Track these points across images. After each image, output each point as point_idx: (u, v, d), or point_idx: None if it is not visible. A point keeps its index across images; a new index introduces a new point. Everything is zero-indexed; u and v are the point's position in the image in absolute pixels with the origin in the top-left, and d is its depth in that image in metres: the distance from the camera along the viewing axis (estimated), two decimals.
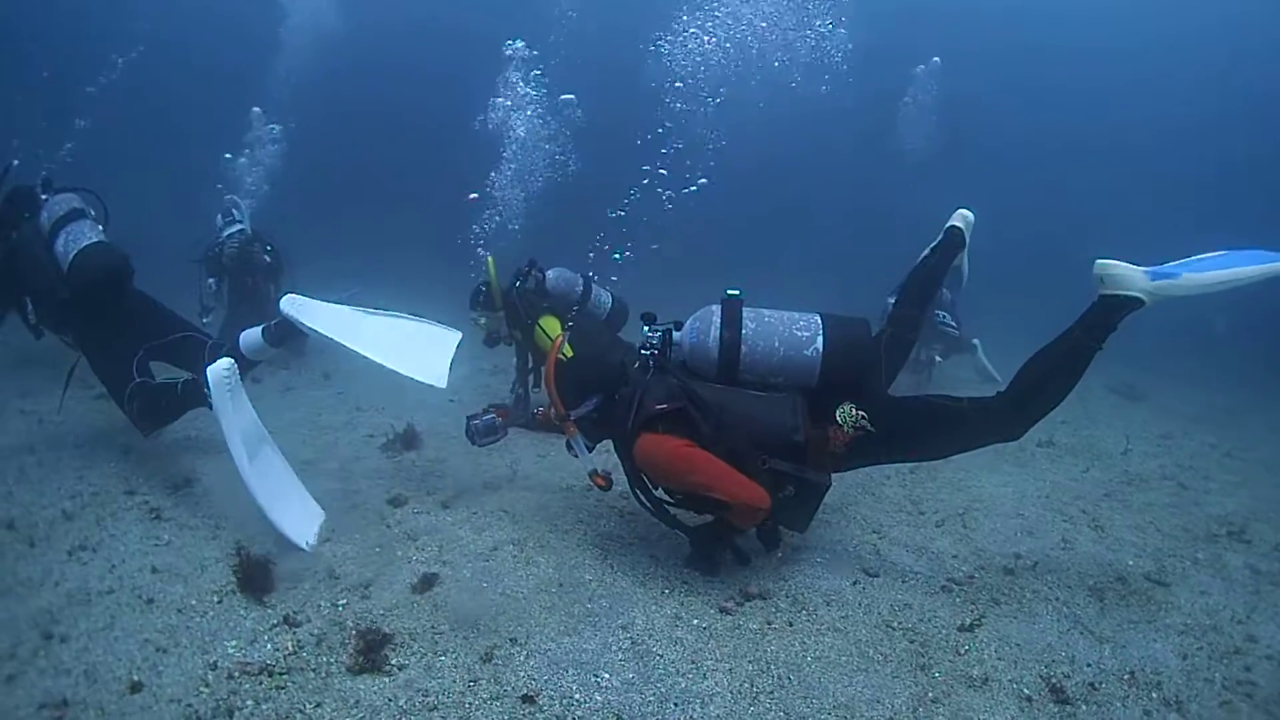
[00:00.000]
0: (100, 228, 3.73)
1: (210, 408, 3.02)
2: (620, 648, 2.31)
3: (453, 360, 3.33)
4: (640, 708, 2.04)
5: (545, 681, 2.11)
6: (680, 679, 2.17)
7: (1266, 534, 3.31)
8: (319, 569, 2.70)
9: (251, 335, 3.61)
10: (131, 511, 3.13)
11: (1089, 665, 2.36)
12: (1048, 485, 3.97)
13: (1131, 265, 2.48)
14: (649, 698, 2.09)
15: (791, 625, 2.48)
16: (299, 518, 2.99)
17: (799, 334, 2.63)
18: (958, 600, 2.70)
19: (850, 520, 3.37)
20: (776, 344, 2.62)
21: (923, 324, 3.08)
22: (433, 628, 2.35)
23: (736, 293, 2.75)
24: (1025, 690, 2.24)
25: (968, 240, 3.07)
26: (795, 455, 2.55)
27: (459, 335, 3.38)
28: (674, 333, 2.81)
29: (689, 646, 2.33)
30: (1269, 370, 7.87)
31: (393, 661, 2.16)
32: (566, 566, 2.80)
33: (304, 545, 2.83)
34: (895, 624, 2.53)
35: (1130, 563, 3.01)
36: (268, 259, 5.91)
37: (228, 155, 6.86)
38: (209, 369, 2.99)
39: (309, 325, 3.24)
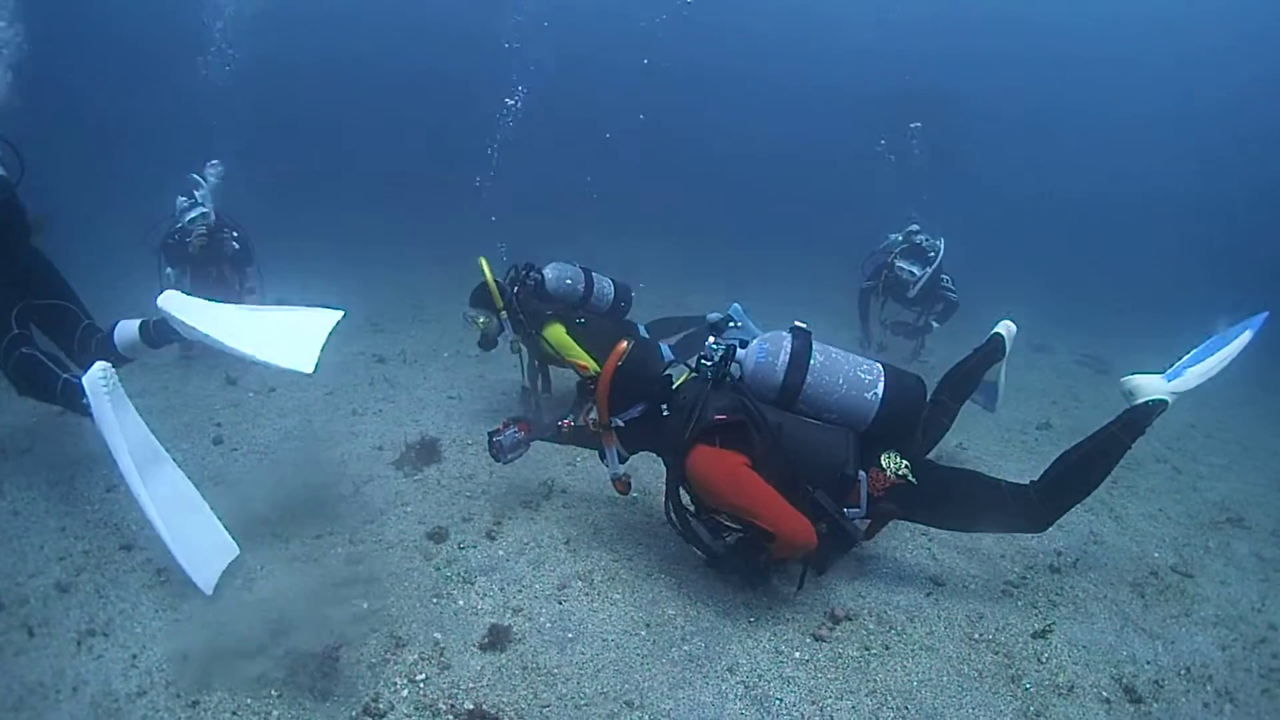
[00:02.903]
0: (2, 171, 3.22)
1: (90, 417, 2.70)
2: (736, 695, 2.25)
3: (327, 341, 2.94)
4: None
5: None
6: None
7: (1262, 520, 3.69)
8: (379, 630, 2.44)
9: (128, 330, 3.15)
10: (134, 574, 2.70)
11: (1149, 663, 2.55)
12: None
13: (1151, 374, 2.90)
14: None
15: (888, 649, 2.51)
16: (205, 551, 2.70)
17: (862, 376, 2.67)
18: (1020, 605, 2.83)
19: (895, 522, 3.44)
20: (840, 381, 2.65)
21: (956, 416, 3.22)
22: (536, 698, 2.19)
23: (804, 326, 2.80)
24: (1104, 693, 2.39)
25: (1008, 349, 3.26)
26: (840, 490, 2.58)
27: (338, 314, 3.06)
28: (737, 350, 2.75)
29: (802, 685, 2.31)
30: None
31: None
32: (645, 602, 2.68)
33: (206, 589, 2.56)
34: (977, 636, 2.62)
35: (1156, 555, 3.26)
36: (236, 245, 5.17)
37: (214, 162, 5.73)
38: (84, 378, 2.73)
39: (186, 324, 2.83)
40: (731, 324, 5.01)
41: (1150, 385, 2.86)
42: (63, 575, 2.65)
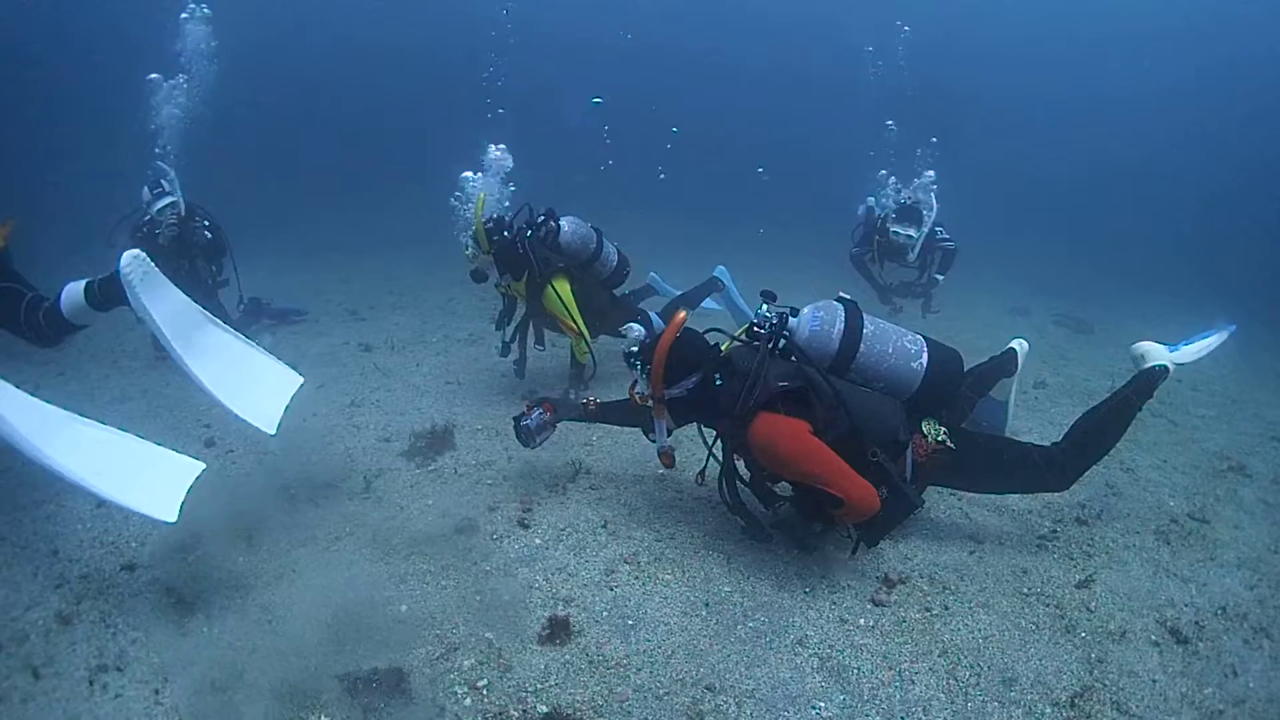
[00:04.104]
0: None
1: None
2: (812, 668, 2.20)
3: (288, 407, 2.86)
4: None
5: None
6: (890, 689, 2.13)
7: (1262, 468, 3.87)
8: (425, 635, 2.28)
9: (74, 295, 2.85)
10: (142, 598, 2.46)
11: (1186, 606, 2.64)
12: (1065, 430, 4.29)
13: (1157, 343, 3.14)
14: (875, 719, 2.01)
15: (947, 609, 2.51)
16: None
17: (908, 346, 2.72)
18: (1058, 557, 2.89)
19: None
20: (889, 350, 2.69)
21: (974, 408, 3.30)
22: (611, 693, 2.08)
23: (849, 296, 2.82)
24: (1152, 636, 2.46)
25: (1019, 367, 3.36)
26: (891, 456, 2.58)
27: (300, 381, 2.98)
28: (789, 318, 2.70)
29: (875, 652, 2.28)
30: (1191, 303, 8.81)
31: None
32: (698, 581, 2.61)
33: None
34: (1025, 590, 2.65)
35: (1171, 503, 3.38)
36: (208, 235, 4.77)
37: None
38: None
39: (145, 306, 2.62)
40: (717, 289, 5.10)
41: (1156, 351, 3.09)
42: (62, 605, 2.39)
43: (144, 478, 2.40)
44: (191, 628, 2.32)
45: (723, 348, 2.70)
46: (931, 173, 5.81)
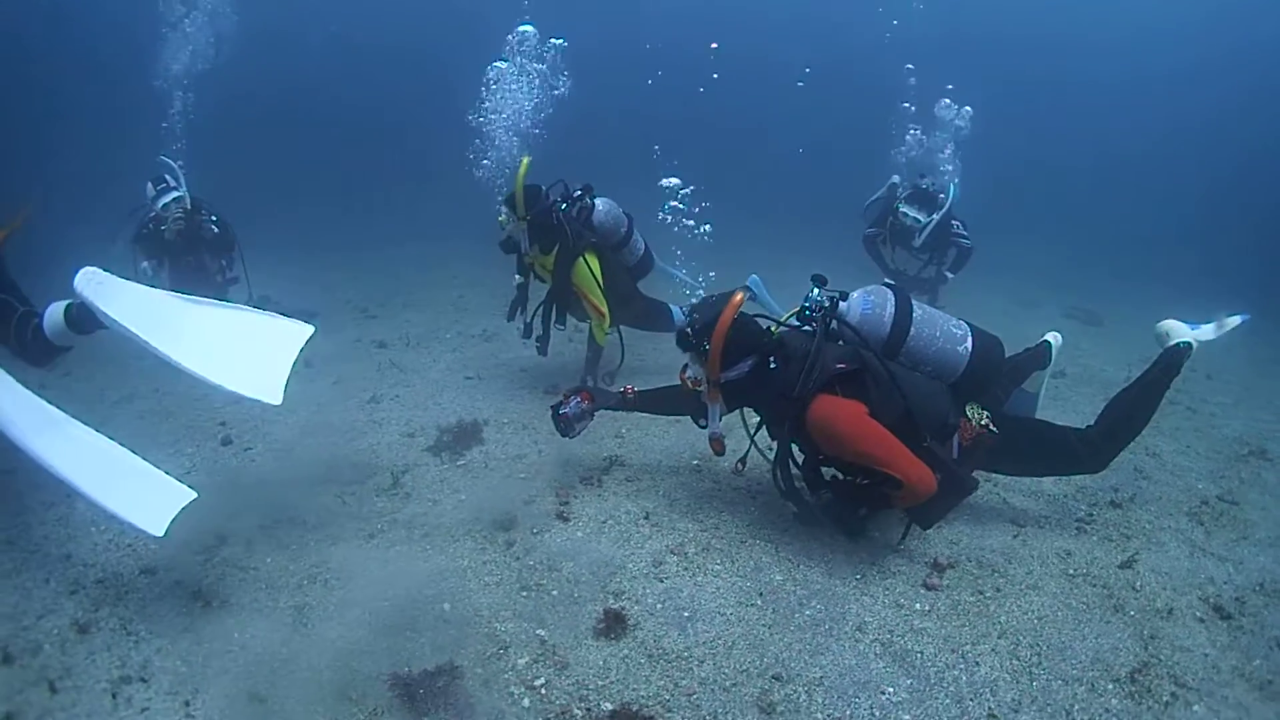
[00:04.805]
0: None
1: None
2: (875, 654, 2.19)
3: (296, 364, 2.52)
4: (945, 712, 1.97)
5: (849, 715, 1.95)
6: (955, 671, 2.13)
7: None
8: (473, 634, 2.22)
9: (55, 317, 2.65)
10: (165, 602, 2.36)
11: (1226, 583, 2.66)
12: (1089, 418, 4.31)
13: (1180, 322, 3.17)
14: (944, 702, 2.01)
15: (1000, 591, 2.51)
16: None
17: (954, 330, 2.75)
18: (1098, 539, 2.90)
19: None
20: (937, 334, 2.72)
21: (1009, 397, 3.22)
22: (677, 686, 2.05)
23: (894, 283, 2.87)
24: (1197, 613, 2.49)
25: (1052, 360, 3.36)
26: (942, 439, 2.60)
27: (309, 330, 2.64)
28: (840, 303, 2.70)
29: (935, 635, 2.27)
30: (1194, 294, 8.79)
31: None
32: (748, 571, 2.58)
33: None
34: (1072, 571, 2.66)
35: (1200, 486, 3.42)
36: (215, 229, 4.64)
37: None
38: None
39: (106, 312, 2.39)
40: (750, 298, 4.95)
41: (1179, 329, 3.15)
42: (78, 612, 2.28)
43: (136, 490, 2.29)
44: (220, 633, 2.22)
45: (772, 331, 2.68)
46: (969, 108, 5.62)
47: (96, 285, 2.41)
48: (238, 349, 2.50)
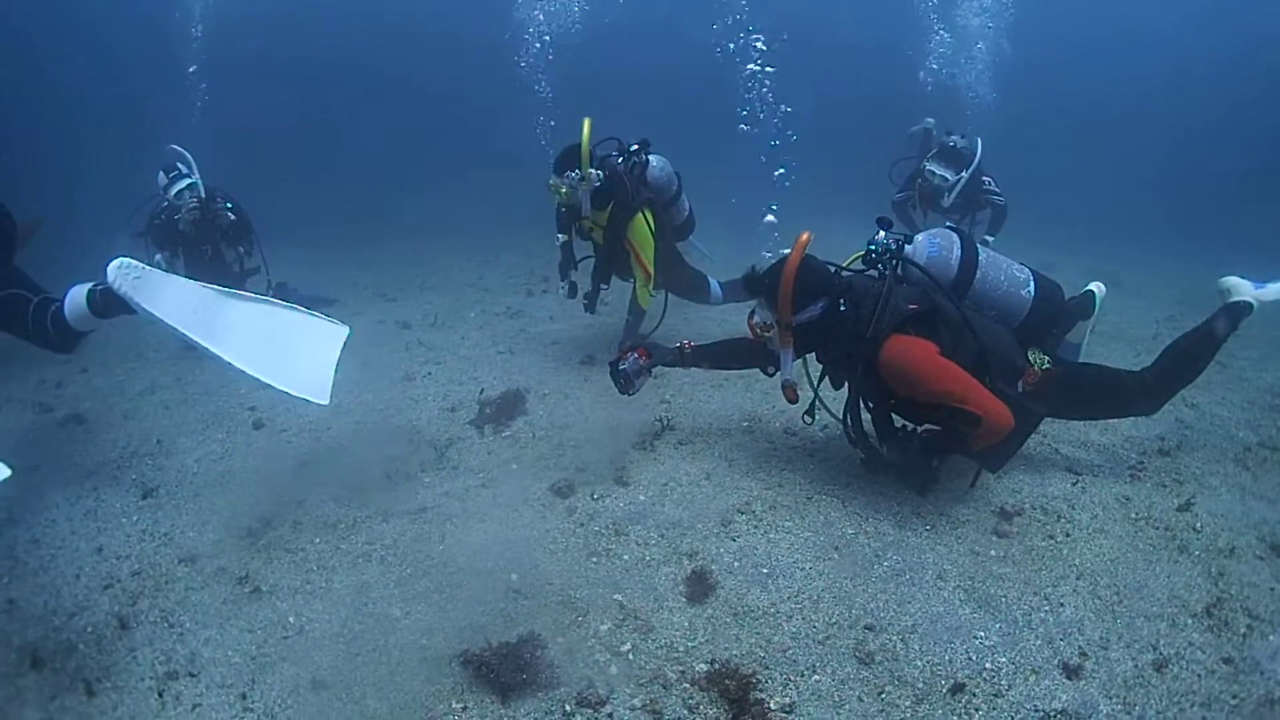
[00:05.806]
0: None
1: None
2: (960, 600, 2.20)
3: (338, 365, 2.60)
4: (1039, 652, 1.98)
5: (947, 661, 1.96)
6: (1041, 614, 2.14)
7: None
8: (547, 604, 2.18)
9: (77, 302, 2.63)
10: (209, 590, 2.28)
11: (1278, 523, 2.69)
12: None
13: (1243, 279, 3.14)
14: (1036, 643, 2.03)
15: (1069, 536, 2.53)
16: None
17: (1017, 274, 2.76)
18: (1152, 485, 2.93)
19: None
20: (1002, 278, 2.73)
21: (1057, 346, 3.16)
22: (770, 643, 2.04)
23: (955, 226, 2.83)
24: (1256, 552, 2.52)
25: (1096, 309, 3.36)
26: (1010, 381, 2.60)
27: (345, 331, 2.73)
28: (905, 245, 2.68)
29: (1015, 580, 2.29)
30: (1202, 249, 8.57)
31: (774, 704, 1.82)
32: (819, 525, 2.58)
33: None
34: (1134, 516, 2.69)
35: (1240, 434, 3.46)
36: (231, 216, 4.49)
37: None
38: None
39: (149, 310, 2.41)
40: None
41: (1242, 286, 3.15)
42: (115, 607, 2.18)
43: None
44: (274, 619, 2.14)
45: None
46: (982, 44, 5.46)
47: (134, 280, 2.37)
48: (282, 347, 2.54)
